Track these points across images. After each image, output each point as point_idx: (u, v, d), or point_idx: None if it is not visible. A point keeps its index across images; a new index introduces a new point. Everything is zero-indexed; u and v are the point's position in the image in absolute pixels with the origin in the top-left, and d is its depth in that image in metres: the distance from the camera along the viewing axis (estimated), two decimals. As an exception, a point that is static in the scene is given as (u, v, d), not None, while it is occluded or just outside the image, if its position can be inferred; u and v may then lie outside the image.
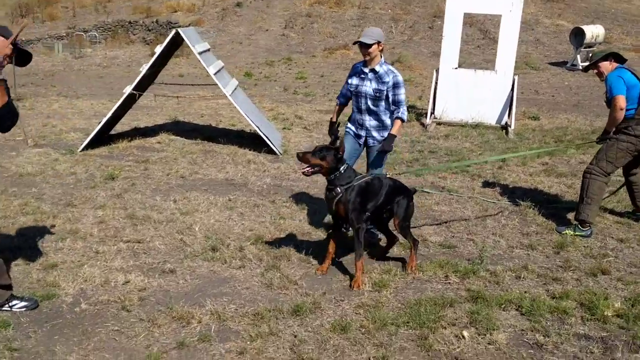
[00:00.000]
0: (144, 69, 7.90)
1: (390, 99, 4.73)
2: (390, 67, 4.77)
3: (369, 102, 4.75)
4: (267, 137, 7.85)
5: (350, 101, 4.97)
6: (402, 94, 4.73)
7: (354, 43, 4.71)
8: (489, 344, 3.31)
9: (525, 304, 3.74)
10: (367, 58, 4.68)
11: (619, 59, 5.25)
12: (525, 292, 4.00)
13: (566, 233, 5.14)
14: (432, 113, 10.90)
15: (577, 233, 5.15)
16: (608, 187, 5.49)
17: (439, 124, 10.76)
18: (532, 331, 3.46)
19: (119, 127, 9.32)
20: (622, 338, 3.38)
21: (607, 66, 5.19)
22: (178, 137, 8.83)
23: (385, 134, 4.83)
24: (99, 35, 26.83)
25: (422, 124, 10.65)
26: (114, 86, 15.40)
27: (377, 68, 4.69)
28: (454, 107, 10.78)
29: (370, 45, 4.58)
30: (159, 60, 8.21)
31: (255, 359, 3.10)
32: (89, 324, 3.41)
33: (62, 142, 8.43)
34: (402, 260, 4.50)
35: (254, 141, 8.34)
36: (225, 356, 3.12)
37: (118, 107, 7.99)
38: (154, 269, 4.23)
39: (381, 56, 4.75)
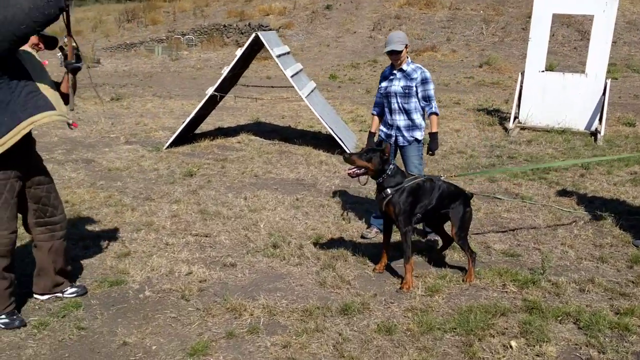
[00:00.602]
0: (225, 71, 8.26)
1: (420, 95, 4.83)
2: (418, 65, 4.87)
3: (400, 100, 4.84)
4: (340, 138, 7.96)
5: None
6: (431, 89, 4.83)
7: (386, 52, 4.75)
8: (537, 355, 3.21)
9: (584, 317, 3.58)
10: (398, 62, 4.80)
11: None
12: (586, 305, 3.82)
13: (644, 247, 4.85)
14: (516, 117, 10.54)
15: (657, 247, 4.84)
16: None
17: (522, 128, 10.39)
18: (587, 346, 3.32)
19: (204, 127, 9.79)
20: (687, 362, 3.17)
21: None
22: (257, 138, 9.15)
23: (415, 133, 4.91)
24: (195, 38, 28.16)
25: (505, 129, 10.33)
26: (205, 87, 16.11)
27: (405, 67, 4.83)
28: (539, 111, 10.37)
29: (401, 51, 4.70)
30: (240, 63, 8.55)
31: (298, 353, 3.20)
32: (150, 310, 3.66)
33: (150, 139, 8.99)
34: (460, 268, 4.43)
35: (329, 143, 8.47)
36: (270, 348, 3.24)
37: (201, 107, 8.41)
38: (216, 262, 4.45)
39: (407, 56, 4.85)
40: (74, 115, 10.95)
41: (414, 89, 4.82)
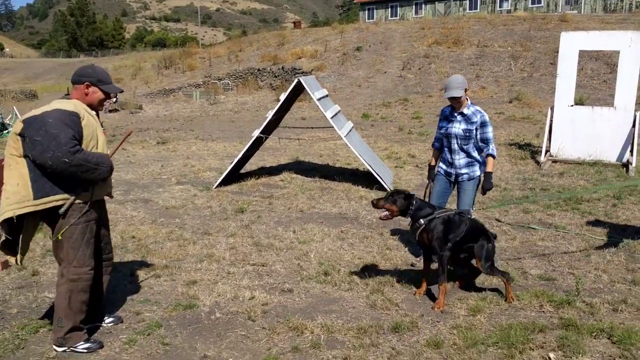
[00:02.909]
0: (270, 114, 8.88)
1: (479, 137, 5.12)
2: (477, 107, 5.16)
3: (460, 142, 5.17)
4: (378, 175, 8.43)
5: None
6: (489, 132, 5.12)
7: (448, 99, 5.08)
8: (574, 366, 3.55)
9: (617, 333, 3.90)
10: (458, 106, 5.13)
11: None
12: (620, 323, 4.13)
13: (676, 271, 5.11)
14: (548, 151, 10.88)
15: (688, 271, 5.10)
16: None
17: (554, 161, 10.70)
18: (620, 358, 3.64)
19: (248, 167, 10.39)
20: None
21: None
22: (298, 175, 9.69)
23: (474, 169, 5.23)
24: (231, 83, 29.29)
25: (537, 162, 10.65)
26: (244, 129, 16.90)
27: (465, 111, 5.12)
28: (570, 144, 10.70)
29: (460, 97, 5.02)
30: (283, 105, 9.17)
31: (357, 364, 3.61)
32: (222, 329, 4.12)
33: (199, 179, 9.61)
34: (499, 291, 4.78)
35: (367, 179, 8.95)
36: (331, 360, 3.66)
37: (247, 149, 9.02)
38: (274, 288, 4.90)
39: (467, 99, 5.15)
40: (126, 158, 11.62)
41: (474, 131, 5.13)
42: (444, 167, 5.41)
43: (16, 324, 4.15)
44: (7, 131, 17.02)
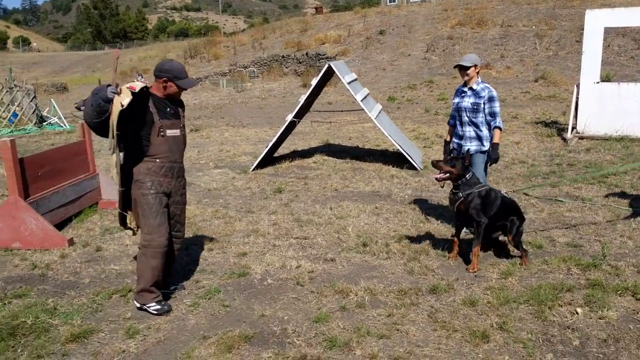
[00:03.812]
0: (302, 99, 9.24)
1: (487, 111, 5.57)
2: (486, 84, 5.65)
3: (469, 114, 5.62)
4: (408, 154, 8.75)
5: None
6: (496, 107, 5.58)
7: (455, 67, 5.70)
8: (599, 318, 3.87)
9: (641, 290, 4.21)
10: (466, 78, 5.61)
11: None
12: (643, 283, 4.43)
13: (699, 236, 5.37)
14: (574, 128, 11.05)
15: None
16: None
17: (581, 138, 10.88)
18: (643, 312, 3.95)
19: (281, 151, 10.80)
20: None
21: None
22: (330, 157, 10.06)
23: (482, 143, 5.63)
24: (256, 70, 29.69)
25: (564, 139, 10.84)
26: (272, 115, 17.31)
27: (475, 86, 5.61)
28: (596, 121, 10.86)
29: (468, 68, 5.53)
30: (314, 90, 9.53)
31: (400, 320, 3.98)
32: (274, 293, 4.54)
33: (236, 163, 10.05)
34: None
35: (397, 159, 9.28)
36: (377, 317, 4.04)
37: (281, 132, 9.41)
38: (318, 258, 5.31)
39: (478, 76, 5.64)
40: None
41: (482, 105, 5.59)
42: (456, 140, 5.84)
43: (91, 291, 4.64)
44: (46, 123, 17.68)
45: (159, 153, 4.16)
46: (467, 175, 4.92)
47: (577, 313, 3.96)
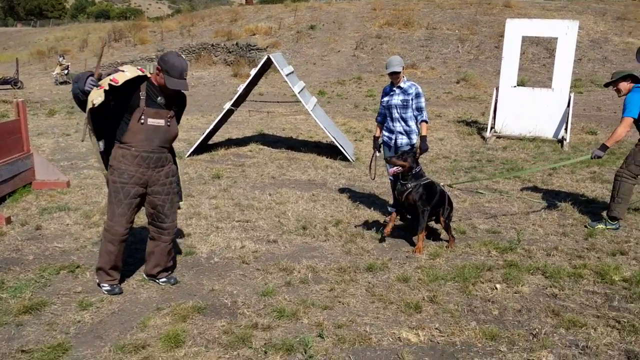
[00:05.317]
0: (241, 88, 9.42)
1: (414, 106, 6.06)
2: (412, 82, 6.15)
3: (399, 111, 6.09)
4: (342, 146, 9.16)
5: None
6: (422, 102, 6.09)
7: (389, 74, 5.98)
8: (515, 293, 4.40)
9: (549, 270, 4.79)
10: (397, 80, 6.04)
11: (635, 79, 6.13)
12: (552, 263, 5.03)
13: (598, 227, 6.08)
14: (492, 127, 11.88)
15: (607, 227, 6.08)
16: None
17: (498, 137, 11.72)
18: (551, 287, 4.52)
19: (216, 138, 10.90)
20: (622, 293, 4.39)
21: (625, 86, 6.12)
22: (265, 147, 10.30)
23: (411, 137, 6.12)
24: (184, 57, 29.21)
25: (483, 137, 11.64)
26: (203, 103, 17.23)
27: (402, 85, 6.09)
28: (512, 122, 11.73)
29: (400, 72, 5.96)
30: (252, 80, 9.72)
31: (341, 294, 4.34)
32: (222, 270, 4.77)
33: (170, 149, 10.05)
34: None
35: (330, 150, 9.66)
36: (320, 292, 4.37)
37: (218, 120, 9.54)
38: (261, 239, 5.57)
39: (403, 76, 6.10)
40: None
41: (410, 102, 6.07)
42: (387, 134, 6.29)
43: (37, 267, 4.67)
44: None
45: (134, 142, 4.10)
46: (416, 169, 5.36)
47: (496, 288, 4.48)
